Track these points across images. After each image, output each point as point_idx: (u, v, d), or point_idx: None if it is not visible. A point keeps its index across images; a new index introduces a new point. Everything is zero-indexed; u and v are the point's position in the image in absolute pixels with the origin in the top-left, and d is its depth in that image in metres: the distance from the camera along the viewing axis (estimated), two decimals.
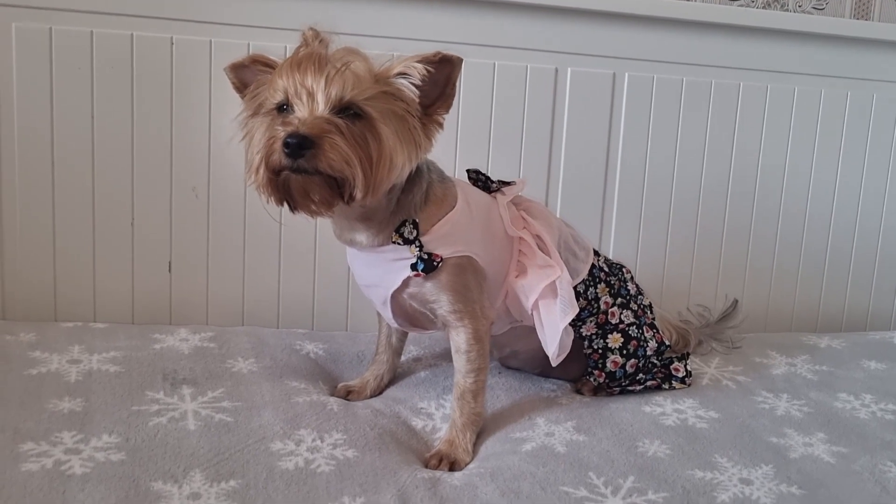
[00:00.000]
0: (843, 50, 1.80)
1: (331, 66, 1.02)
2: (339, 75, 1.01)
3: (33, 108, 1.46)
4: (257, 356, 1.35)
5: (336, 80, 1.01)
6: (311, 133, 0.99)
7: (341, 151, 1.00)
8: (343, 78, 1.01)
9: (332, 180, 1.02)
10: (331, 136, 0.99)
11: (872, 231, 1.91)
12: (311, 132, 0.99)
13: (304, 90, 1.02)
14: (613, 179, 1.73)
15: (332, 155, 0.99)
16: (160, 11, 1.47)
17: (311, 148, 0.98)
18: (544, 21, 1.63)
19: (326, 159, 0.99)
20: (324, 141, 0.99)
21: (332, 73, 1.01)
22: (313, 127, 0.99)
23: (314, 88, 1.01)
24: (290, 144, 0.98)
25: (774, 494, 1.04)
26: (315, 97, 1.01)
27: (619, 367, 1.32)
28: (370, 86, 1.03)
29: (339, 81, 1.01)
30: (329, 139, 0.99)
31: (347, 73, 1.02)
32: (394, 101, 1.05)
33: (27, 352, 1.29)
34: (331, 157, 0.99)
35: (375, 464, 1.06)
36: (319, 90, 1.01)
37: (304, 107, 1.02)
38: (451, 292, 1.15)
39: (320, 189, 1.03)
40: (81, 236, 1.52)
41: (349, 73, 1.02)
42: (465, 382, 1.19)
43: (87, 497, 0.92)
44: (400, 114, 1.05)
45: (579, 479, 1.05)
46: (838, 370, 1.51)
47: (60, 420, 1.08)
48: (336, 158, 0.99)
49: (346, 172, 1.01)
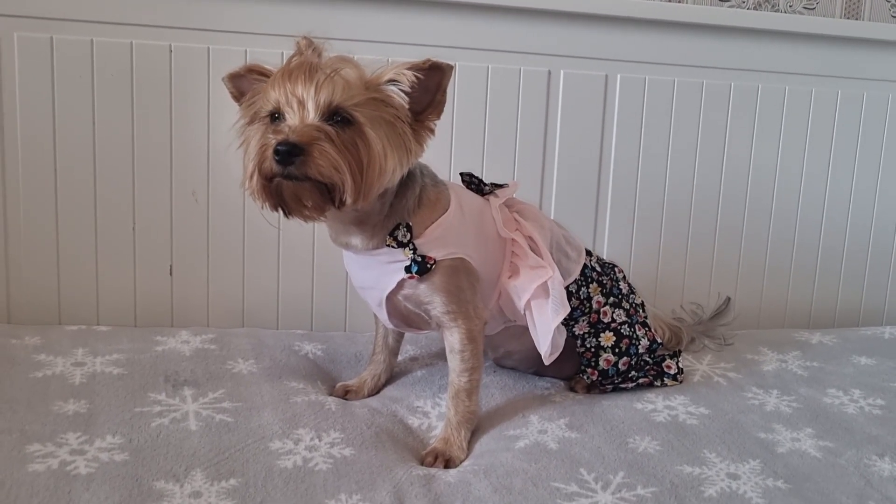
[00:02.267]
0: (833, 49, 1.81)
1: (321, 73, 1.04)
2: (329, 81, 1.03)
3: (36, 116, 1.48)
4: (257, 357, 1.38)
5: (325, 87, 1.03)
6: (301, 140, 1.01)
7: (330, 158, 1.02)
8: (332, 84, 1.04)
9: (323, 186, 1.04)
10: (320, 143, 1.02)
11: (864, 228, 1.93)
12: (301, 140, 1.01)
13: (295, 99, 1.04)
14: (607, 180, 1.75)
15: (321, 161, 1.02)
16: (159, 20, 1.50)
17: (300, 155, 1.01)
18: (537, 24, 1.65)
19: (316, 166, 1.02)
20: (313, 148, 1.01)
21: (321, 79, 1.03)
22: (303, 135, 1.02)
23: (304, 97, 1.04)
24: (281, 152, 1.01)
25: (761, 489, 1.07)
26: (305, 105, 1.04)
27: (612, 365, 1.35)
28: (360, 92, 1.05)
29: (328, 87, 1.03)
30: (318, 146, 1.02)
31: (337, 79, 1.04)
32: (384, 108, 1.07)
33: (32, 355, 1.31)
34: (320, 163, 1.02)
35: (372, 462, 1.08)
36: (309, 98, 1.03)
37: (294, 115, 1.04)
38: (445, 293, 1.17)
39: (311, 195, 1.05)
40: (84, 241, 1.54)
41: (339, 79, 1.04)
42: (459, 381, 1.21)
43: (91, 496, 0.94)
44: (390, 120, 1.07)
45: (570, 475, 1.08)
46: (828, 366, 1.53)
47: (65, 422, 1.11)
48: (325, 165, 1.02)
49: (335, 178, 1.03)
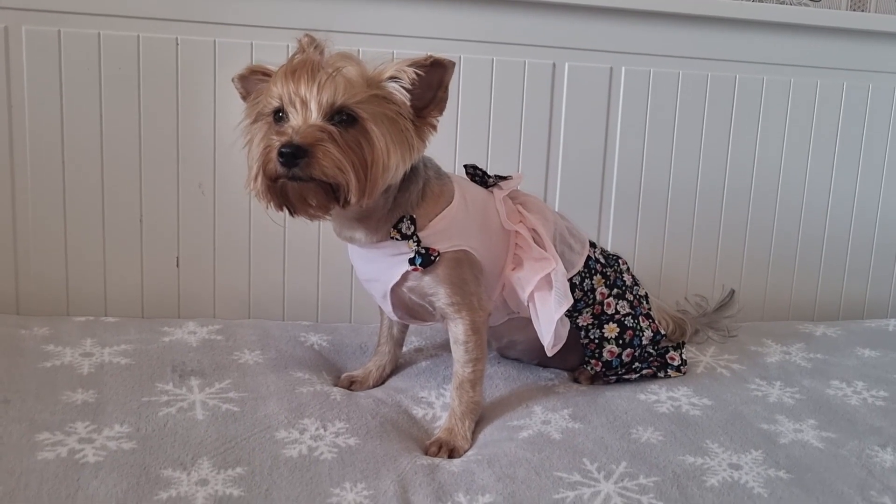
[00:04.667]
0: (839, 41, 1.81)
1: (323, 72, 1.04)
2: (331, 81, 1.04)
3: (43, 109, 1.50)
4: (263, 348, 1.39)
5: (328, 86, 1.04)
6: (305, 142, 1.02)
7: (334, 158, 1.02)
8: (334, 83, 1.04)
9: (328, 186, 1.05)
10: (323, 143, 1.02)
11: (869, 220, 1.93)
12: (305, 141, 1.02)
13: (298, 98, 1.04)
14: (611, 172, 1.75)
15: (325, 163, 1.02)
16: (165, 13, 1.51)
17: (304, 157, 1.01)
18: (541, 17, 1.65)
19: (320, 167, 1.02)
20: (317, 149, 1.02)
21: (323, 79, 1.04)
22: (306, 136, 1.02)
23: (307, 96, 1.04)
24: (285, 154, 1.01)
25: (762, 479, 1.07)
26: (308, 105, 1.04)
27: (616, 356, 1.35)
28: (362, 90, 1.06)
29: (330, 87, 1.04)
30: (322, 147, 1.02)
31: (339, 77, 1.04)
32: (386, 105, 1.07)
33: (41, 345, 1.33)
34: (324, 164, 1.02)
35: (376, 451, 1.09)
36: (312, 98, 1.04)
37: (298, 115, 1.05)
38: (449, 285, 1.18)
39: (316, 195, 1.06)
40: (92, 233, 1.56)
41: (341, 77, 1.04)
42: (463, 372, 1.22)
43: (100, 484, 0.96)
44: (392, 116, 1.07)
45: (573, 465, 1.08)
46: (832, 358, 1.53)
47: (74, 411, 1.12)
48: (329, 165, 1.02)
49: (339, 178, 1.04)
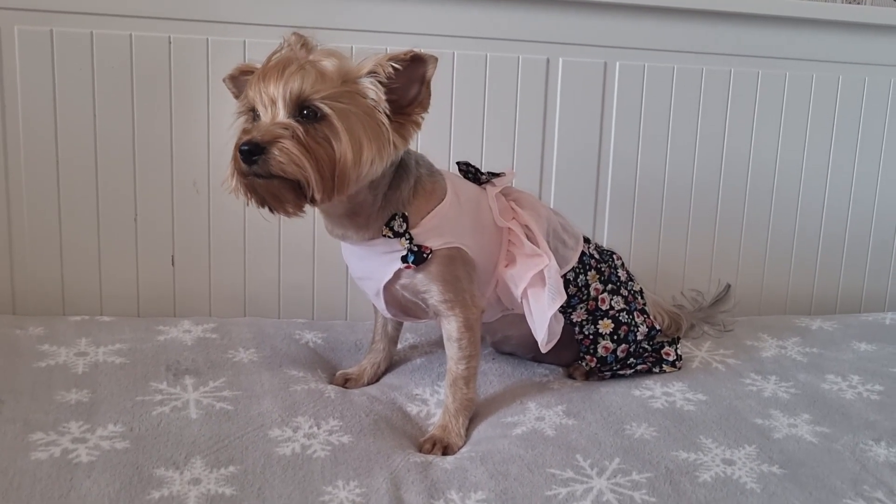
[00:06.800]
0: (834, 34, 1.80)
1: (294, 65, 1.04)
2: (298, 73, 1.04)
3: (37, 109, 1.50)
4: (258, 346, 1.39)
5: (294, 79, 1.03)
6: (262, 139, 1.02)
7: (291, 155, 1.02)
8: (301, 76, 1.04)
9: (295, 183, 1.05)
10: (281, 140, 1.02)
11: (866, 213, 1.93)
12: (263, 139, 1.02)
13: (268, 97, 1.05)
14: (606, 167, 1.75)
15: (281, 159, 1.02)
16: (158, 12, 1.50)
17: (261, 154, 1.02)
18: (535, 12, 1.65)
19: (277, 164, 1.02)
20: (273, 146, 1.02)
21: (291, 71, 1.04)
22: (265, 133, 1.03)
23: (275, 94, 1.04)
24: (243, 151, 1.02)
25: (756, 474, 1.07)
26: (276, 103, 1.04)
27: (610, 352, 1.35)
28: (332, 85, 1.05)
29: (296, 79, 1.03)
30: (279, 144, 1.02)
31: (309, 70, 1.04)
32: (359, 100, 1.06)
33: (36, 345, 1.33)
34: (280, 160, 1.02)
35: (370, 449, 1.10)
36: (280, 97, 1.04)
37: (267, 113, 1.05)
38: (442, 283, 1.18)
39: (284, 191, 1.06)
40: (87, 233, 1.56)
41: (312, 70, 1.04)
42: (457, 369, 1.22)
43: (92, 484, 0.96)
44: (366, 112, 1.06)
45: (566, 462, 1.08)
46: (828, 352, 1.53)
47: (68, 411, 1.12)
48: (286, 162, 1.02)
49: (298, 175, 1.03)
